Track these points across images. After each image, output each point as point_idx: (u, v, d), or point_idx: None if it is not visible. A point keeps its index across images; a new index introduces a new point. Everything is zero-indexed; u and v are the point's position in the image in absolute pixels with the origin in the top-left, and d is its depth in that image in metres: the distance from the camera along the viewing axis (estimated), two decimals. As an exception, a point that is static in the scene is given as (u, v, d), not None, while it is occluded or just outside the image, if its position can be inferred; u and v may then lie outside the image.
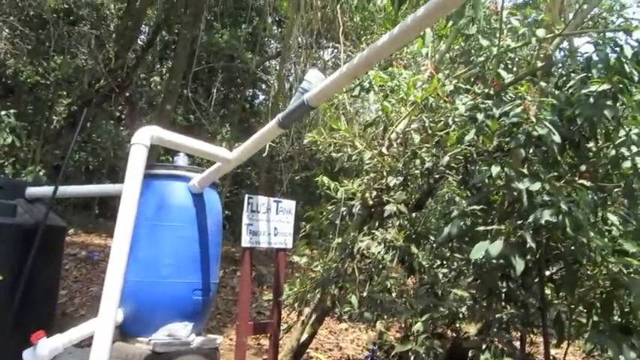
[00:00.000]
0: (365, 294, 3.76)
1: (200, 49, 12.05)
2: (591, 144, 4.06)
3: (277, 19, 14.24)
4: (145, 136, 3.19)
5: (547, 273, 4.23)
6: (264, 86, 14.81)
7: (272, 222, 3.86)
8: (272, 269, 6.85)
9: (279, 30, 14.19)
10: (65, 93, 12.03)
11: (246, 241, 3.70)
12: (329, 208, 4.34)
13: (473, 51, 4.57)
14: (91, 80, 10.00)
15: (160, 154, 9.01)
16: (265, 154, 8.96)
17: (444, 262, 4.06)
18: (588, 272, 3.68)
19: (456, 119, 3.97)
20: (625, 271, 3.22)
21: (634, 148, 3.74)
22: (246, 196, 3.75)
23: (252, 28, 13.63)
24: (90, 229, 12.07)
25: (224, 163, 3.73)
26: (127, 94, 11.78)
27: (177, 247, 3.65)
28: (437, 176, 4.12)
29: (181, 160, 4.01)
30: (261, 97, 15.15)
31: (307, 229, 4.65)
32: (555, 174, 3.53)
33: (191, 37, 10.44)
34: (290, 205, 3.98)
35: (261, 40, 12.96)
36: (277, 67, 12.88)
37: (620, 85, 3.42)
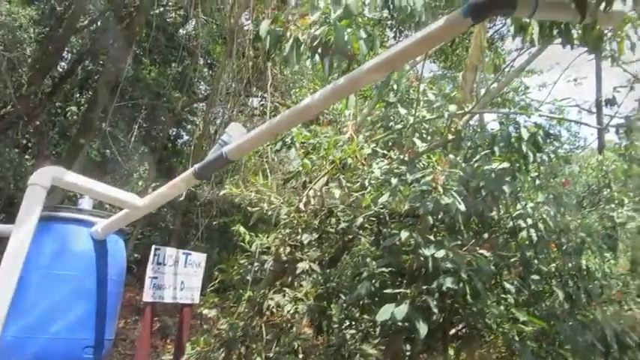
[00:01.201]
0: (271, 354, 3.64)
1: (125, 83, 11.67)
2: (494, 213, 4.36)
3: (209, 61, 14.22)
4: (44, 178, 2.96)
5: (453, 331, 4.37)
6: (189, 127, 14.53)
7: (179, 275, 3.67)
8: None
9: (210, 72, 14.16)
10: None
11: (148, 295, 3.47)
12: (241, 262, 4.23)
13: (392, 117, 4.83)
14: (-4, 104, 9.26)
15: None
16: (183, 197, 8.68)
17: (353, 323, 4.06)
18: (487, 337, 3.86)
19: (372, 182, 4.11)
20: (517, 338, 3.41)
21: (529, 221, 4.07)
22: (153, 247, 3.56)
23: (182, 68, 13.47)
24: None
25: (133, 210, 3.55)
26: (38, 123, 11.00)
27: (71, 299, 3.34)
28: (350, 236, 4.19)
29: (86, 202, 3.76)
30: (185, 137, 14.82)
31: (218, 282, 4.48)
32: (459, 242, 3.71)
33: (116, 70, 10.10)
34: (200, 258, 3.83)
35: (190, 81, 12.82)
36: (204, 110, 12.75)
37: (518, 164, 3.75)
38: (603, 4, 2.34)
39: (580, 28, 3.04)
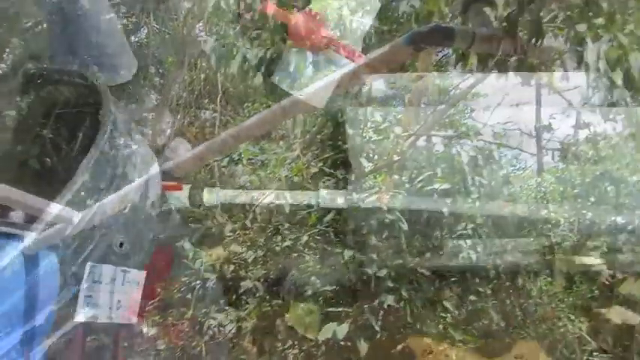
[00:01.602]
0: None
1: (70, 89, 11.22)
2: (437, 233, 4.48)
3: (160, 71, 13.93)
4: (-32, 190, 2.78)
5: (400, 347, 4.42)
6: (137, 136, 14.17)
7: (116, 294, 3.50)
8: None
9: (160, 82, 13.87)
10: None
11: (80, 315, 3.29)
12: (183, 279, 4.12)
13: (340, 136, 4.89)
14: None
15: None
16: (127, 210, 8.38)
17: (296, 343, 4.03)
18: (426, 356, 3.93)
19: (319, 200, 4.13)
20: (454, 357, 3.50)
21: (469, 242, 4.23)
22: (89, 264, 3.39)
23: (132, 76, 13.14)
24: None
25: (68, 224, 3.39)
26: (-29, 127, 10.37)
27: (-6, 318, 3.12)
28: (296, 254, 4.19)
29: (15, 215, 3.55)
30: (134, 147, 14.43)
31: (159, 300, 4.32)
32: (401, 261, 3.79)
33: (61, 74, 9.69)
34: (139, 276, 3.68)
35: (140, 90, 12.49)
36: (152, 119, 12.44)
37: (457, 186, 3.90)
38: (534, 40, 2.50)
39: (515, 60, 3.22)
